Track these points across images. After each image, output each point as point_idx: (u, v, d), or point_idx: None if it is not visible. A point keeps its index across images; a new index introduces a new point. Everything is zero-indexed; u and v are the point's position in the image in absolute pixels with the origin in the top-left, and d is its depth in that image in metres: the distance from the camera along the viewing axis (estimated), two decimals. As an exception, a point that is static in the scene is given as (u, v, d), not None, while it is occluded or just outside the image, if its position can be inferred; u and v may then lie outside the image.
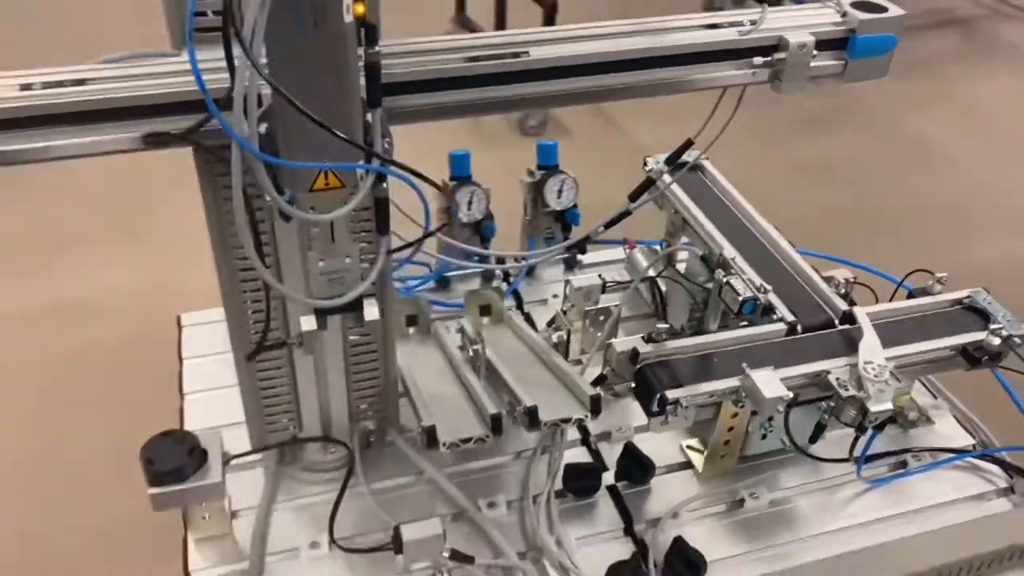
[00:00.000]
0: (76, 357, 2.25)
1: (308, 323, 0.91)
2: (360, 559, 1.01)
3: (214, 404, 1.20)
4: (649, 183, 1.19)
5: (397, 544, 0.96)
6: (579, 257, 1.46)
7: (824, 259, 1.41)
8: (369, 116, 0.77)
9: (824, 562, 1.02)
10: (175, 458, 0.89)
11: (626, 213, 1.15)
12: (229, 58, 0.67)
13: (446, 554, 0.98)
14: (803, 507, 1.12)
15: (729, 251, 1.17)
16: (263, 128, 0.75)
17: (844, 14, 0.92)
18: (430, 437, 0.98)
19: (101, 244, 2.66)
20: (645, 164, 1.35)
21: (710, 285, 1.21)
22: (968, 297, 1.16)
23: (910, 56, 4.45)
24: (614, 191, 1.32)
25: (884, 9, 0.93)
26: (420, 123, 0.88)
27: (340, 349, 1.05)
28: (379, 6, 0.79)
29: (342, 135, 0.70)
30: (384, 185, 0.82)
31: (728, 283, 1.10)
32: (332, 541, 1.02)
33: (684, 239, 1.39)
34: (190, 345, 1.31)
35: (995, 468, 1.18)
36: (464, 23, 4.00)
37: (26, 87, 0.74)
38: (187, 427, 1.17)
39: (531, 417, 1.00)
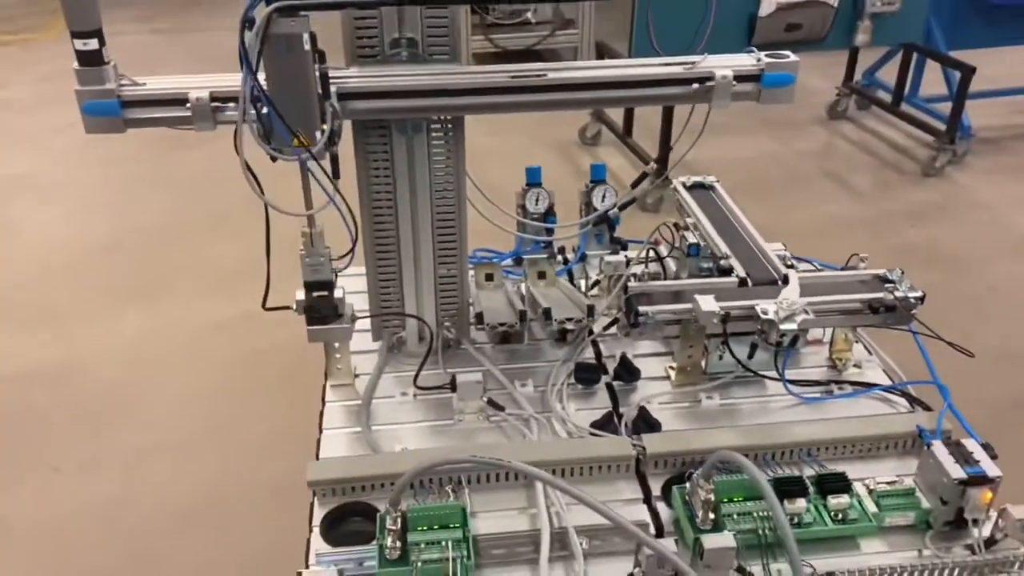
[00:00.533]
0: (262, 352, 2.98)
1: (300, 295, 1.51)
2: (432, 402, 1.56)
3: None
4: (642, 176, 1.71)
5: (453, 385, 1.49)
6: (620, 251, 1.97)
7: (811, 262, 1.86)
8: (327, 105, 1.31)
9: (745, 428, 1.46)
10: (325, 310, 1.48)
11: (632, 200, 1.67)
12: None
13: (484, 399, 1.50)
14: (745, 409, 1.56)
15: (707, 229, 1.67)
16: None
17: (759, 59, 1.44)
18: (478, 319, 1.53)
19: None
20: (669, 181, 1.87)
21: (706, 265, 1.70)
22: (883, 272, 1.59)
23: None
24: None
25: (786, 56, 1.44)
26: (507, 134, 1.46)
27: (432, 277, 1.62)
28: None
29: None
30: (334, 148, 1.32)
31: (683, 236, 1.60)
32: (416, 391, 1.57)
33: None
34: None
35: (901, 400, 1.57)
36: (599, 117, 4.72)
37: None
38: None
39: (546, 315, 1.53)
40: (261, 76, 1.26)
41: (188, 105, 1.34)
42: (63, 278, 3.61)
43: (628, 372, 1.61)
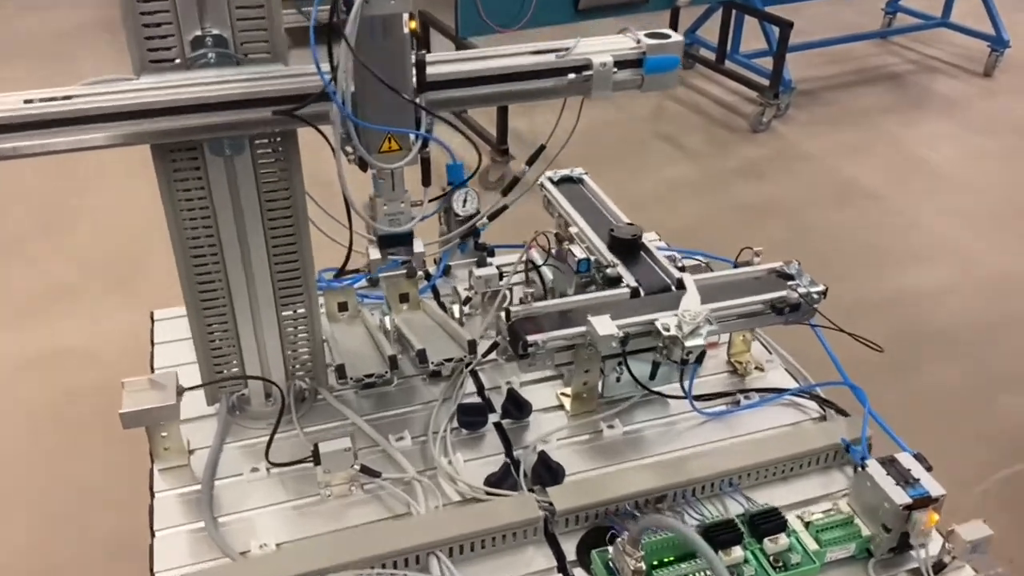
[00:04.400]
0: (71, 395, 2.54)
1: (374, 253, 1.29)
2: (290, 476, 1.28)
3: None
4: (515, 181, 1.49)
5: (316, 457, 1.23)
6: (488, 259, 1.75)
7: (698, 256, 1.71)
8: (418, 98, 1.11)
9: (659, 464, 1.29)
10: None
11: (504, 208, 1.45)
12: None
13: (356, 467, 1.25)
14: (650, 435, 1.39)
15: (589, 236, 1.46)
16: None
17: (638, 41, 1.24)
18: (339, 372, 1.26)
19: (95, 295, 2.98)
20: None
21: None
22: (780, 265, 1.45)
23: (843, 109, 4.85)
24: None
25: (668, 36, 1.25)
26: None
27: (275, 319, 1.34)
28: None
29: (406, 96, 1.08)
30: (428, 149, 1.16)
31: (569, 250, 1.40)
32: (268, 465, 1.29)
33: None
34: (160, 334, 1.60)
35: (812, 403, 1.45)
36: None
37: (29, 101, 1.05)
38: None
39: (420, 357, 1.28)
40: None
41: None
42: None
43: (518, 407, 1.40)
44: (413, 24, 1.08)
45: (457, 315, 1.52)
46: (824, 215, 3.82)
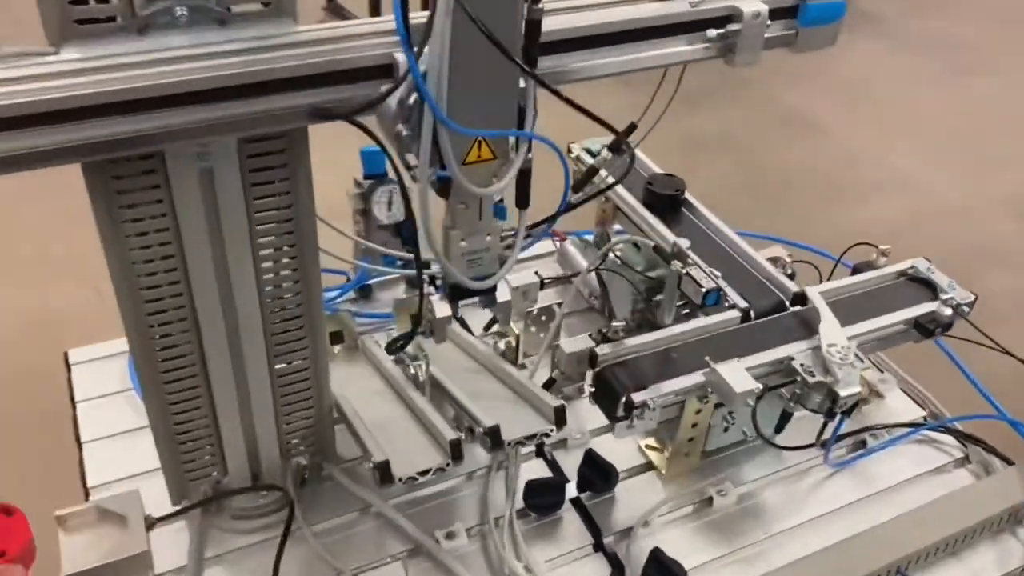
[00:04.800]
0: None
1: (442, 310, 0.90)
2: (309, 611, 0.91)
3: (120, 452, 1.05)
4: (592, 172, 1.11)
5: (353, 595, 0.85)
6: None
7: (757, 238, 1.38)
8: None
9: (805, 560, 0.98)
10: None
11: (572, 206, 1.06)
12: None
13: (406, 594, 0.88)
14: (771, 499, 1.08)
15: (683, 240, 1.10)
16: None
17: (793, -18, 0.87)
18: (383, 473, 0.87)
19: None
20: (569, 151, 1.28)
21: (653, 274, 1.15)
22: (912, 268, 1.14)
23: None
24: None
25: (833, -25, 0.89)
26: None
27: (267, 378, 0.93)
28: None
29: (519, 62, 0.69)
30: (530, 155, 0.78)
31: (688, 274, 1.04)
32: (275, 591, 0.91)
33: (616, 227, 1.33)
34: (83, 386, 1.15)
35: (949, 439, 1.17)
36: (336, 11, 3.91)
37: None
38: (90, 482, 1.02)
39: (493, 438, 0.91)
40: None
41: None
42: None
43: (602, 476, 1.05)
44: None
45: (503, 348, 1.14)
46: (770, 149, 3.57)
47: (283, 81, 0.68)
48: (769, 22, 0.85)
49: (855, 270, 1.18)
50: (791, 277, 1.15)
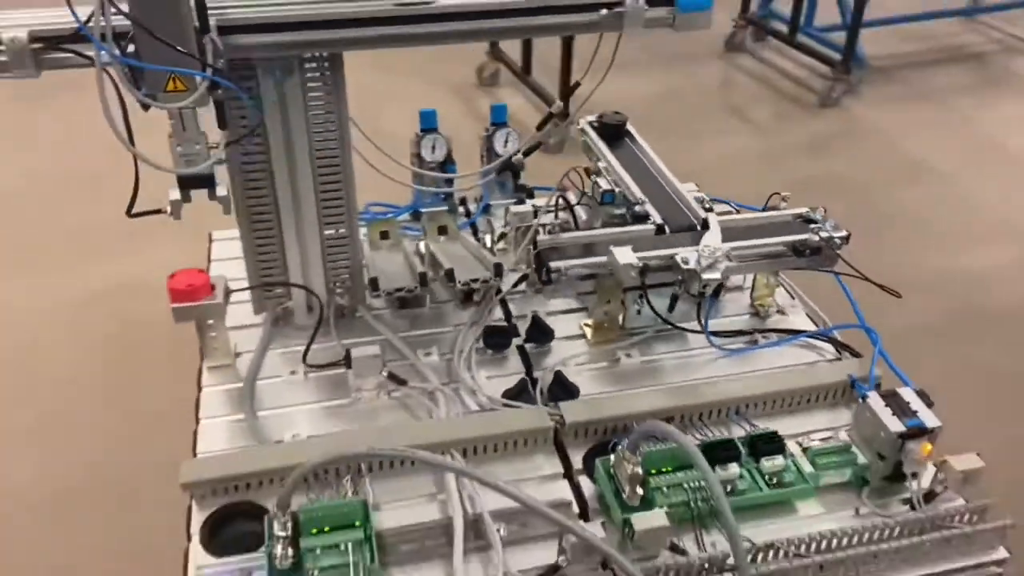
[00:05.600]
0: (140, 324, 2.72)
1: (174, 194, 1.30)
2: (324, 381, 1.39)
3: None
4: (548, 117, 1.56)
5: (348, 361, 1.33)
6: (527, 200, 1.82)
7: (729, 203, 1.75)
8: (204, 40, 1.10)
9: (669, 389, 1.35)
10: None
11: (537, 145, 1.51)
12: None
13: (384, 374, 1.34)
14: (667, 366, 1.45)
15: (619, 172, 1.52)
16: (131, 48, 1.08)
17: (670, -21, 1.29)
18: (373, 285, 1.36)
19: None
20: (574, 121, 1.73)
21: (619, 211, 1.56)
22: (806, 211, 1.49)
23: (918, 87, 4.74)
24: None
25: (700, -24, 1.30)
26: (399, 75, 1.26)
27: (319, 240, 1.44)
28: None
29: (176, 45, 1.06)
30: (219, 92, 1.13)
31: (596, 182, 1.46)
32: (306, 369, 1.40)
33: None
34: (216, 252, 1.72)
35: (828, 346, 1.49)
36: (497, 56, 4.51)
37: None
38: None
39: (449, 276, 1.37)
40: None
41: (1, 48, 1.11)
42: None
43: (541, 333, 1.47)
44: None
45: (489, 245, 1.60)
46: (887, 193, 3.76)
47: (320, 23, 1.19)
48: (647, 8, 1.27)
49: (763, 211, 1.54)
50: (708, 211, 1.52)
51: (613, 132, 1.70)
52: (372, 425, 1.31)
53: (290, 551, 1.05)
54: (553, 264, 1.35)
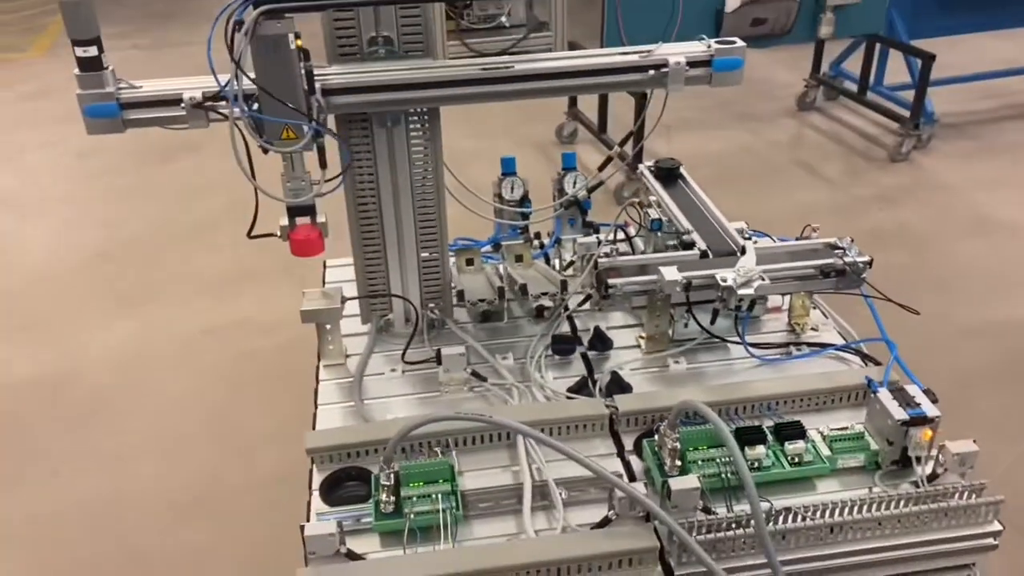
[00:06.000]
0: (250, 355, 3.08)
1: (283, 220, 1.58)
2: (419, 376, 1.67)
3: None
4: (608, 160, 1.82)
5: (438, 359, 1.60)
6: (593, 233, 2.08)
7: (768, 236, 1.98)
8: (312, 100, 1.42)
9: (710, 387, 1.57)
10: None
11: (599, 184, 1.79)
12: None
13: (468, 371, 1.61)
14: (710, 371, 1.68)
15: (670, 206, 1.78)
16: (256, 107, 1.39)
17: (709, 46, 1.56)
18: (459, 296, 1.64)
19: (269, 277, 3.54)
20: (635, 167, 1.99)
21: (671, 242, 1.82)
22: (834, 240, 1.71)
23: (989, 143, 4.85)
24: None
25: (734, 42, 1.56)
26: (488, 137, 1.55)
27: (416, 261, 1.73)
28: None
29: (289, 103, 1.37)
30: (321, 140, 1.43)
31: (646, 212, 1.72)
32: (404, 367, 1.68)
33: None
34: (329, 276, 2.03)
35: (855, 358, 1.69)
36: (575, 116, 4.83)
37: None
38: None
39: (523, 290, 1.64)
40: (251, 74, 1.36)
41: (182, 105, 1.44)
42: (51, 289, 3.69)
43: (601, 342, 1.72)
44: (299, 42, 1.35)
45: (558, 268, 1.86)
46: (952, 244, 3.89)
47: (424, 83, 1.50)
48: (688, 68, 1.54)
49: (798, 240, 1.76)
50: (747, 239, 1.76)
51: (667, 174, 1.95)
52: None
53: (392, 499, 1.31)
54: (611, 281, 1.60)
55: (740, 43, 1.56)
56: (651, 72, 1.54)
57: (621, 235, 1.93)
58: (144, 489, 2.63)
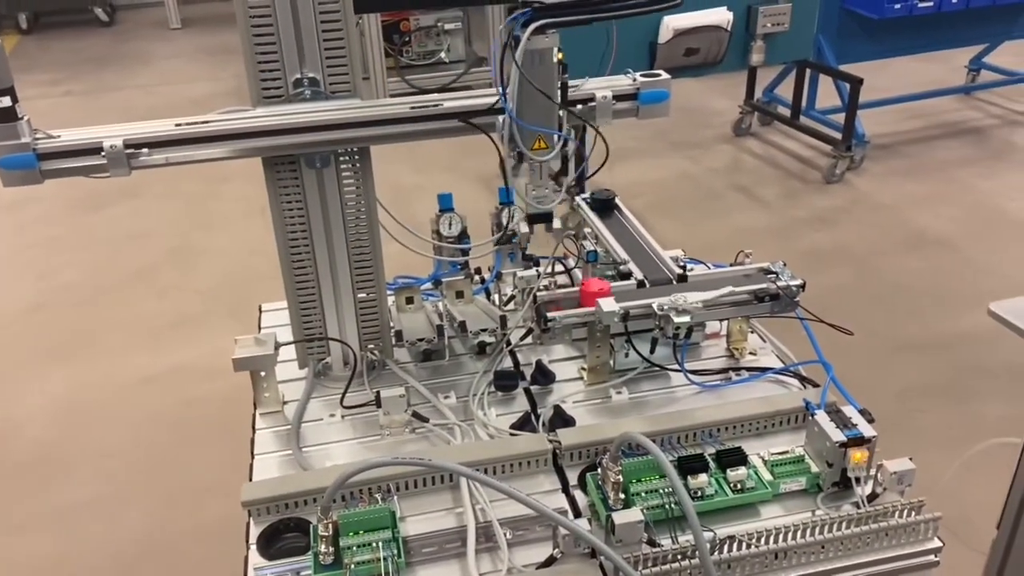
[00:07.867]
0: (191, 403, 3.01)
1: (523, 227, 1.66)
2: (359, 420, 1.64)
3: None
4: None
5: (378, 401, 1.57)
6: (535, 268, 2.08)
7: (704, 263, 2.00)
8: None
9: (652, 416, 1.57)
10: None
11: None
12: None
13: (409, 412, 1.59)
14: (652, 400, 1.68)
15: (607, 238, 1.79)
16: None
17: (634, 79, 1.58)
18: (397, 337, 1.61)
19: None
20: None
21: (609, 272, 1.82)
22: (767, 264, 1.73)
23: (921, 161, 4.99)
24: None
25: (659, 75, 1.58)
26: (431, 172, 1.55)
27: (352, 302, 1.71)
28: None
29: (556, 101, 1.47)
30: (568, 149, 1.54)
31: (582, 245, 1.72)
32: (343, 412, 1.65)
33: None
34: (265, 321, 1.99)
35: (794, 381, 1.71)
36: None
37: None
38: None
39: (462, 327, 1.63)
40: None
41: (103, 153, 1.41)
42: (-14, 342, 3.57)
43: (543, 376, 1.71)
44: (561, 55, 1.47)
45: (499, 303, 1.85)
46: (891, 261, 3.98)
47: (349, 123, 1.49)
48: (615, 102, 1.55)
49: (732, 266, 1.78)
50: (683, 268, 1.77)
51: (603, 206, 1.96)
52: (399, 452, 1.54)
53: (331, 549, 1.28)
54: (550, 314, 1.60)
55: (665, 75, 1.59)
56: (578, 107, 1.55)
57: (560, 267, 1.93)
58: (87, 545, 2.54)
